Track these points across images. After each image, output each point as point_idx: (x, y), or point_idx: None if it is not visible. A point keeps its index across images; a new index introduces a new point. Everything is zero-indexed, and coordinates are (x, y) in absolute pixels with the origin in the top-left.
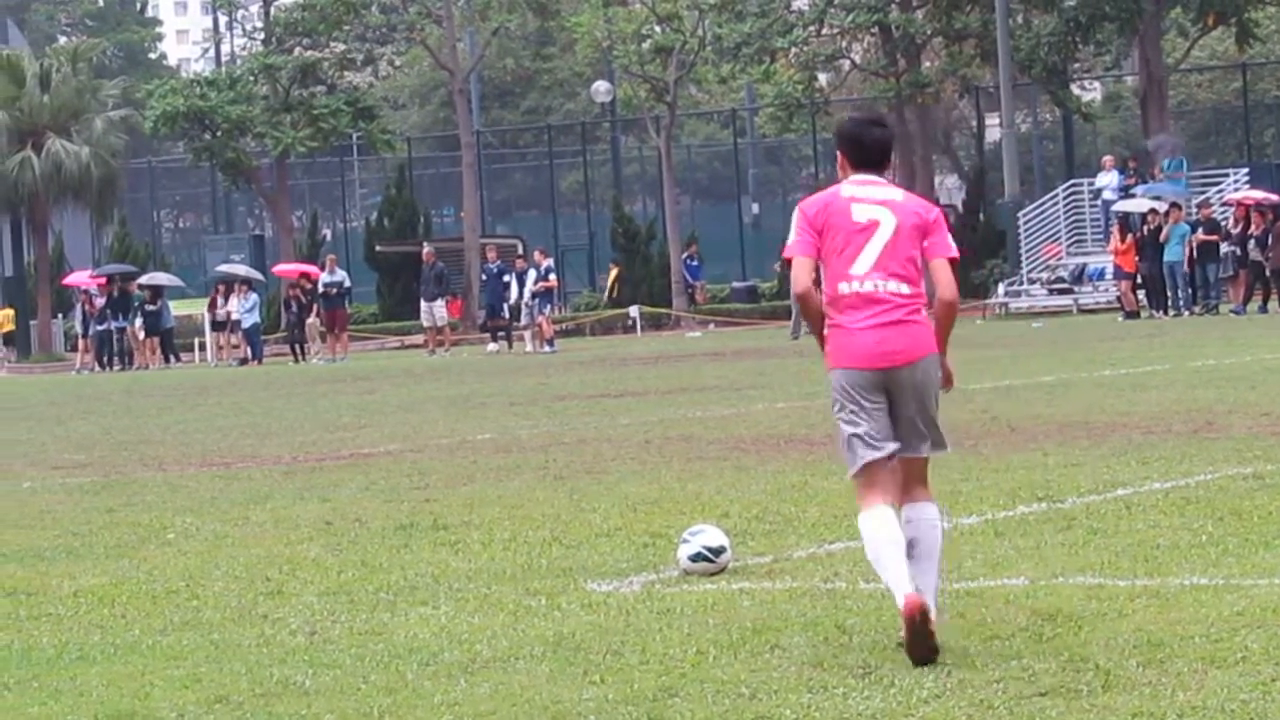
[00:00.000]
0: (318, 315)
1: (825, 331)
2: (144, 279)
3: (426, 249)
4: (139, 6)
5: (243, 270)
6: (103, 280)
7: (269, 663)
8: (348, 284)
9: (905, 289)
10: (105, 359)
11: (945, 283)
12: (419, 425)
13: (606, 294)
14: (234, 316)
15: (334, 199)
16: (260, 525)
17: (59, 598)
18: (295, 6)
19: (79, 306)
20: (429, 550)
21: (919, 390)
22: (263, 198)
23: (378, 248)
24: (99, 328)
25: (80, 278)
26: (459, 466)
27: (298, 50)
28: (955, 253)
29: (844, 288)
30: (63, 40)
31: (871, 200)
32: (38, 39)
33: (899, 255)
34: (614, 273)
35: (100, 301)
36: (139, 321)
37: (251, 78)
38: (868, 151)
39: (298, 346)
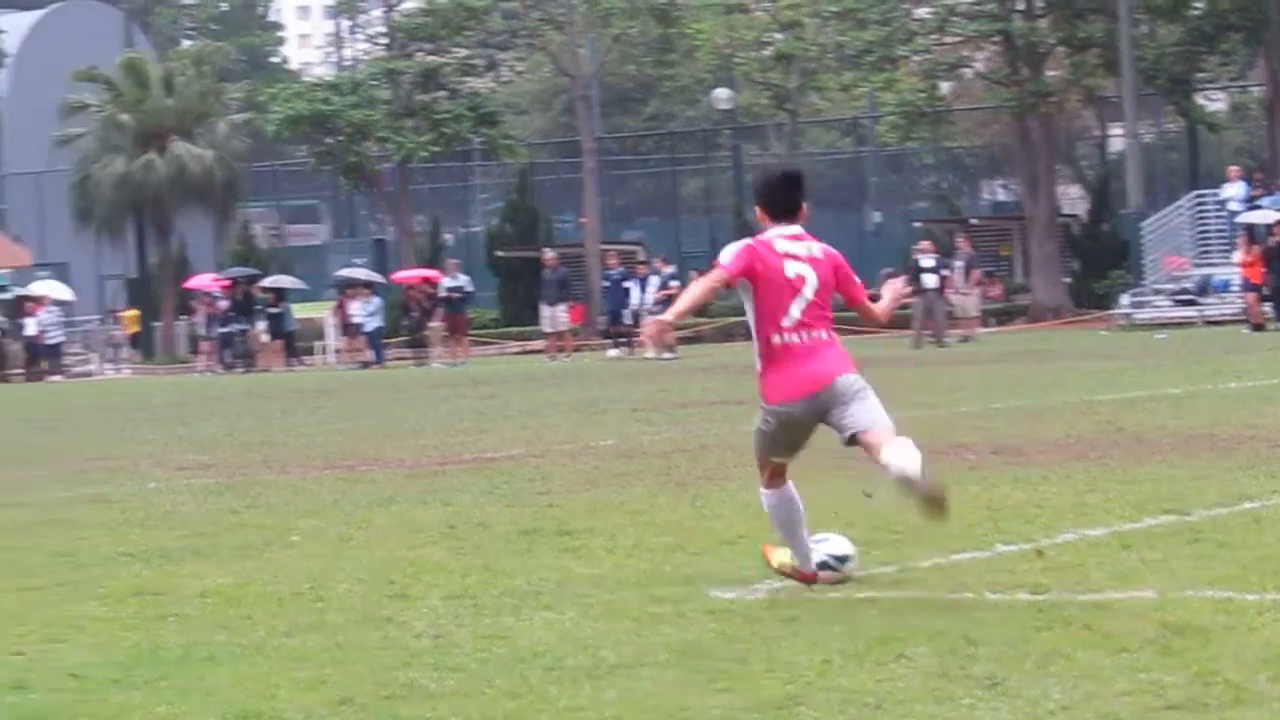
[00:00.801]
0: (439, 319)
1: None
2: (267, 281)
3: (549, 254)
4: (261, 11)
5: (364, 273)
6: (227, 283)
7: (394, 665)
8: (469, 289)
9: (823, 334)
10: (228, 361)
11: (877, 315)
12: (541, 430)
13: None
14: (355, 320)
15: (455, 204)
16: (383, 528)
17: (185, 598)
18: (417, 11)
19: (202, 308)
20: (552, 555)
21: (846, 394)
22: (384, 202)
23: (498, 253)
24: (222, 330)
25: (203, 280)
26: (581, 472)
27: (420, 55)
28: (864, 290)
29: (776, 339)
30: (187, 44)
31: (799, 257)
32: (162, 42)
33: (818, 305)
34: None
35: (223, 304)
36: (262, 324)
37: (374, 82)
38: (782, 205)
39: (418, 350)
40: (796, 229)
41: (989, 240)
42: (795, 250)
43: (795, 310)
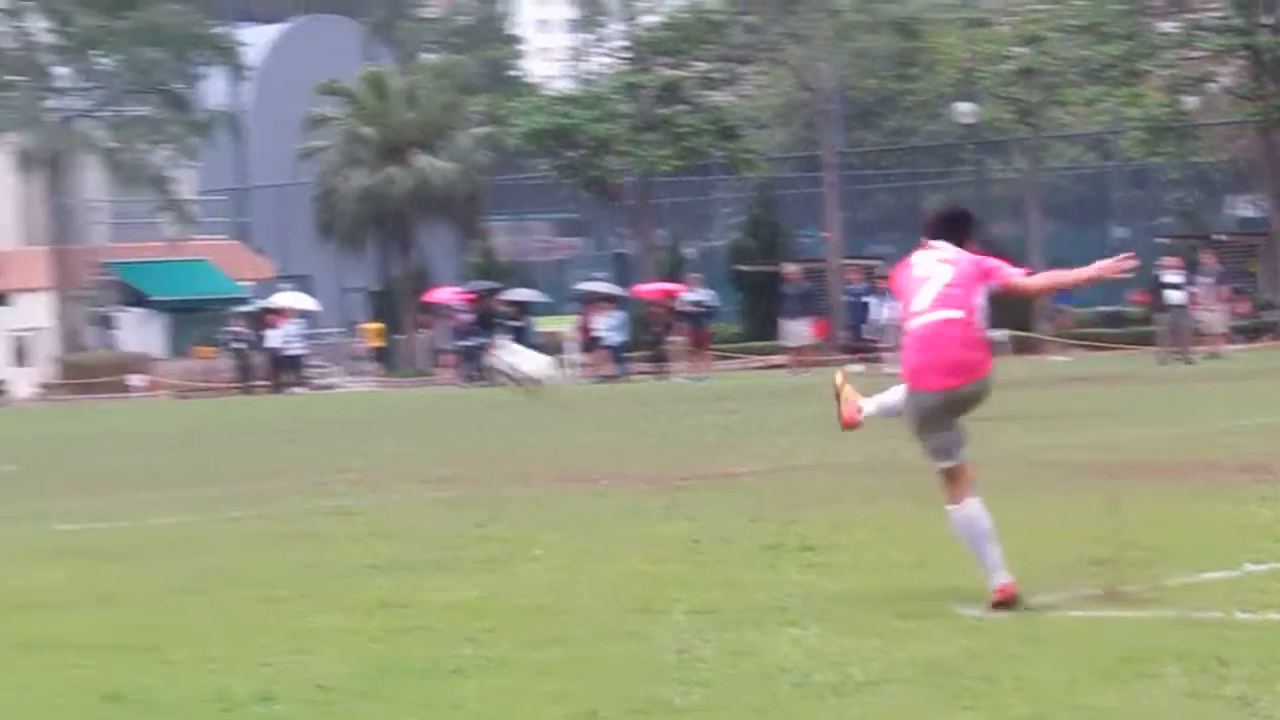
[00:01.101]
0: (681, 334)
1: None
2: (508, 295)
3: (791, 268)
4: (502, 25)
5: (605, 287)
6: (470, 296)
7: (638, 680)
8: (711, 303)
9: (957, 314)
10: (470, 374)
11: (1028, 286)
12: (783, 445)
13: None
14: (598, 334)
15: (696, 218)
16: (626, 542)
17: (430, 610)
18: (658, 25)
19: (444, 322)
20: (796, 571)
21: (963, 408)
22: (625, 216)
23: (740, 267)
24: (464, 343)
25: (444, 294)
26: (824, 487)
27: (660, 69)
28: (1019, 271)
29: (912, 323)
30: (428, 57)
31: (932, 260)
32: (403, 55)
33: (952, 294)
34: None
35: (465, 317)
36: (504, 337)
37: (615, 96)
38: (932, 225)
39: (660, 365)
40: (942, 243)
41: (1235, 256)
42: (930, 257)
43: (927, 295)
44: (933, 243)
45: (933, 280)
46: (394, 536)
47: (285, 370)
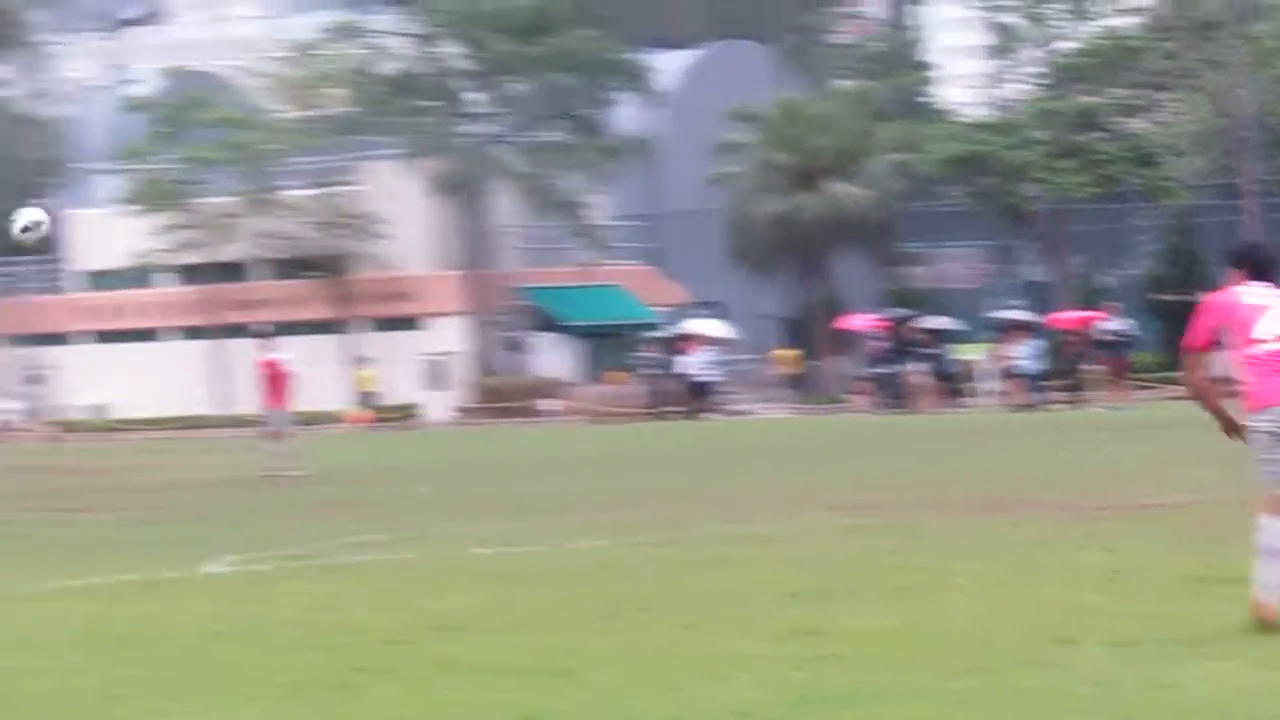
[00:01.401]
0: (1098, 363)
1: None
2: (924, 322)
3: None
4: (914, 52)
5: (1022, 315)
6: (884, 323)
7: (1058, 711)
8: (1130, 332)
9: None
10: (885, 401)
11: None
12: (1204, 476)
13: None
14: (1014, 362)
15: (1113, 246)
16: (1044, 572)
17: (844, 637)
18: (1076, 52)
19: (858, 349)
20: (1219, 603)
21: None
22: (1040, 243)
23: (1156, 295)
24: (879, 370)
25: (859, 321)
26: (1244, 519)
27: (1077, 96)
28: None
29: (1250, 350)
30: (841, 83)
31: (1260, 295)
32: (816, 82)
33: None
34: None
35: (880, 344)
36: (918, 365)
37: (1031, 122)
38: (1255, 267)
39: (1077, 393)
40: (1262, 284)
41: None
42: (1257, 292)
43: (1264, 327)
44: (1248, 280)
45: (1270, 311)
46: (806, 563)
47: (698, 396)
